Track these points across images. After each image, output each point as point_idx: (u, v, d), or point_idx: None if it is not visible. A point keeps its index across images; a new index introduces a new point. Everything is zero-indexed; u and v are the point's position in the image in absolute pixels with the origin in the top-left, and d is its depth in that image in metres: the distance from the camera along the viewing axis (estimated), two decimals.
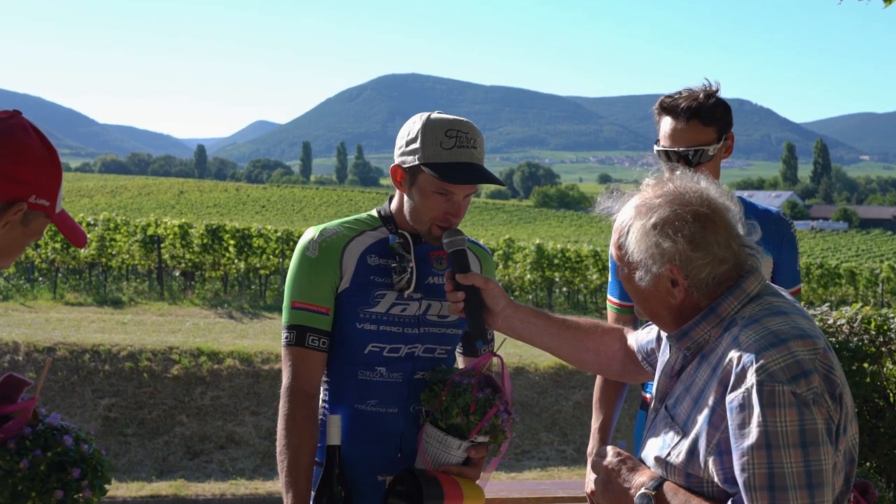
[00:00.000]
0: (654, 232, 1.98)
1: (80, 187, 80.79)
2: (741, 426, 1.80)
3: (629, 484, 1.99)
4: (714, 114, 3.10)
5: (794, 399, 1.77)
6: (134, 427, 11.28)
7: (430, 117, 2.66)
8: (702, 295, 1.99)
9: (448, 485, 2.59)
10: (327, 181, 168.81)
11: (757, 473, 1.76)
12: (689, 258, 1.96)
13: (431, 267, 2.76)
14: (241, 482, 10.37)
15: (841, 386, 1.85)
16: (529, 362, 13.76)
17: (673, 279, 1.99)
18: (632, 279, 2.06)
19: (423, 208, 2.65)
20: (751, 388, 1.79)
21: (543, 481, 8.49)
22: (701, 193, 2.01)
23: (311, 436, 2.64)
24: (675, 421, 1.99)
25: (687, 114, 3.08)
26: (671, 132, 3.12)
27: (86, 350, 12.08)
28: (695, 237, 1.95)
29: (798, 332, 1.86)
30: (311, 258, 2.68)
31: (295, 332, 2.67)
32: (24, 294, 17.91)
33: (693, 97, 3.11)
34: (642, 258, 2.00)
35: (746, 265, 2.00)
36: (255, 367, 12.37)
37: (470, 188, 2.64)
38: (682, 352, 2.06)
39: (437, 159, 2.60)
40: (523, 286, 24.80)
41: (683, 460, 1.93)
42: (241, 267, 21.44)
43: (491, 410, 2.57)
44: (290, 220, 62.67)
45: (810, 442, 1.77)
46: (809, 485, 1.75)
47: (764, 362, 1.80)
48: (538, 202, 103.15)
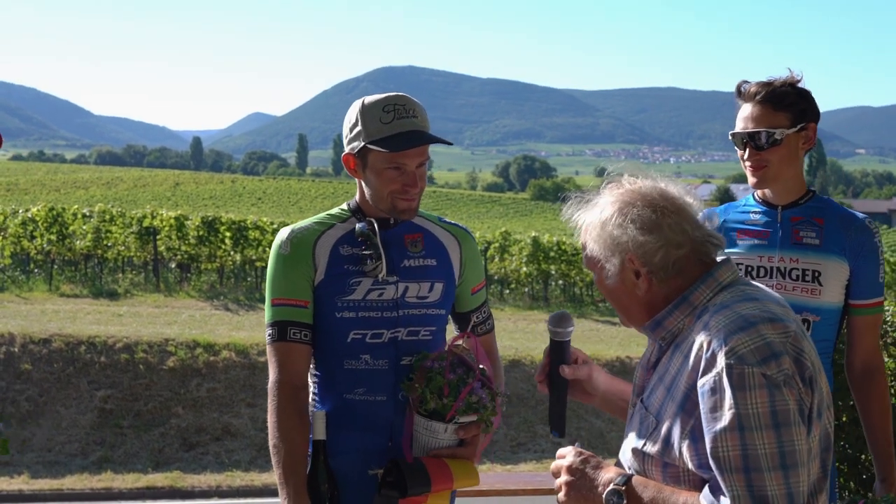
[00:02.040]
0: (608, 224, 2.01)
1: (75, 179, 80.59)
2: (713, 410, 1.80)
3: (597, 482, 1.98)
4: (785, 99, 3.06)
5: (764, 381, 1.77)
6: (130, 419, 11.28)
7: (366, 100, 2.76)
8: (664, 283, 2.00)
9: (435, 469, 2.61)
10: (323, 173, 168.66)
11: (731, 456, 1.76)
12: (640, 243, 1.97)
13: (406, 250, 2.80)
14: (236, 474, 10.38)
15: (813, 370, 1.85)
16: (525, 354, 13.78)
17: (635, 270, 2.00)
18: (602, 280, 2.08)
19: (380, 186, 2.71)
20: (721, 371, 1.80)
21: (539, 473, 8.49)
22: (654, 187, 2.04)
23: (303, 428, 2.67)
24: (648, 411, 1.99)
25: (758, 97, 3.07)
26: (743, 116, 3.11)
27: (82, 342, 12.08)
28: (644, 222, 1.97)
29: (769, 315, 1.86)
30: (285, 255, 2.75)
31: (277, 328, 2.72)
32: (20, 285, 17.89)
33: (768, 83, 3.09)
34: (602, 253, 2.03)
35: (707, 252, 2.01)
36: (251, 359, 12.37)
37: (419, 156, 2.70)
38: (657, 343, 2.06)
39: (381, 134, 2.67)
40: (519, 279, 24.81)
41: (659, 449, 1.93)
42: (237, 259, 21.42)
43: (465, 390, 2.59)
44: (286, 212, 62.59)
45: (782, 423, 1.77)
46: (784, 465, 1.75)
47: (733, 345, 1.80)
48: (534, 195, 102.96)
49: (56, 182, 76.98)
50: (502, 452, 11.78)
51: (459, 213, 73.00)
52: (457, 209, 76.32)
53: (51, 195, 62.05)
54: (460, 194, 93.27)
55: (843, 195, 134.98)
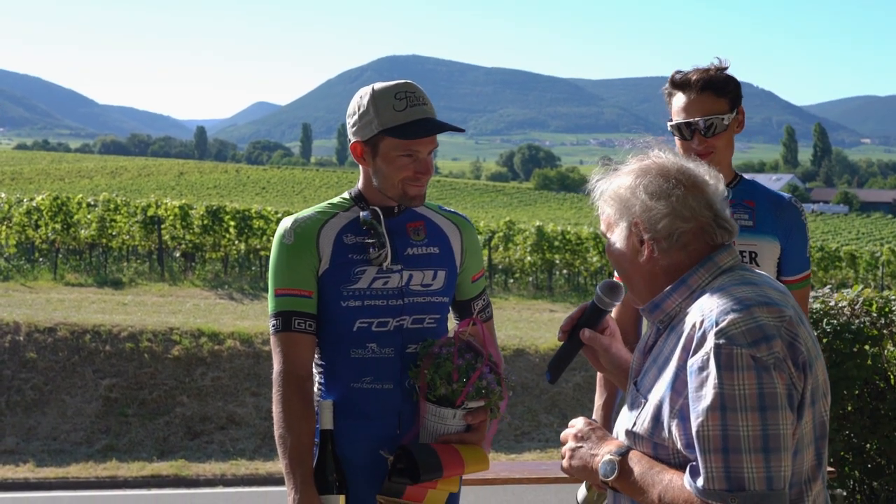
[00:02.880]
0: (621, 188, 2.04)
1: (79, 168, 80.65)
2: (698, 388, 1.79)
3: (595, 451, 2.00)
4: (727, 85, 3.14)
5: (752, 362, 1.76)
6: (135, 407, 11.30)
7: (375, 87, 2.75)
8: (665, 255, 1.99)
9: (447, 455, 2.61)
10: (327, 163, 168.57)
11: (711, 436, 1.75)
12: (647, 208, 1.99)
13: (409, 238, 2.80)
14: (241, 462, 10.41)
15: (808, 356, 1.84)
16: (529, 344, 13.79)
17: (640, 238, 2.01)
18: (610, 246, 2.10)
19: (391, 174, 2.71)
20: (709, 350, 1.79)
21: (544, 462, 8.49)
22: (675, 162, 2.06)
23: (308, 418, 2.66)
24: (640, 392, 2.00)
25: (699, 85, 3.12)
26: (684, 105, 3.15)
27: (86, 330, 12.10)
28: (654, 189, 2.00)
29: (764, 299, 1.86)
30: (288, 245, 2.74)
31: (281, 319, 2.72)
32: (25, 274, 17.92)
33: (704, 70, 3.15)
34: (612, 216, 2.06)
35: (714, 236, 2.00)
36: (255, 347, 12.39)
37: (432, 143, 2.72)
38: (655, 326, 2.07)
39: (395, 122, 2.67)
40: (523, 268, 24.81)
41: (648, 428, 1.93)
42: (242, 248, 21.45)
43: (474, 374, 2.60)
44: (290, 201, 62.58)
45: (769, 406, 1.75)
46: (765, 448, 1.74)
47: (724, 326, 1.80)
48: (539, 184, 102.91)
49: (60, 171, 77.04)
50: (507, 441, 11.79)
51: (464, 203, 72.94)
52: (461, 198, 76.27)
53: (55, 184, 62.10)
54: (464, 184, 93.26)
55: (848, 185, 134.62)
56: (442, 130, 2.70)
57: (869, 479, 5.77)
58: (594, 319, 2.31)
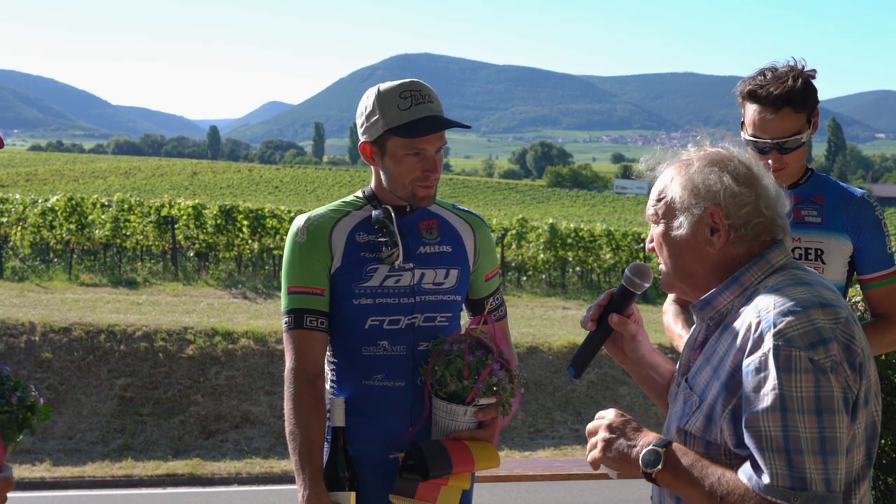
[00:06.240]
0: (703, 171, 2.01)
1: (93, 169, 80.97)
2: (756, 389, 1.79)
3: (634, 442, 1.97)
4: (807, 99, 2.94)
5: (810, 365, 1.76)
6: (149, 407, 11.35)
7: (381, 87, 2.75)
8: (735, 245, 1.99)
9: (457, 451, 2.61)
10: (340, 161, 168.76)
11: (773, 436, 1.76)
12: (734, 192, 1.96)
13: (422, 237, 2.81)
14: (256, 461, 10.44)
15: (863, 357, 1.84)
16: (543, 341, 13.77)
17: (713, 227, 1.99)
18: (668, 232, 2.04)
19: (400, 173, 2.72)
20: (767, 352, 1.79)
21: (558, 459, 8.50)
22: (743, 155, 2.05)
23: (319, 415, 2.68)
24: (693, 390, 1.99)
25: (778, 102, 2.91)
26: (760, 122, 2.96)
27: (101, 330, 12.15)
28: (741, 175, 1.99)
29: (820, 300, 1.85)
30: (301, 243, 2.75)
31: (293, 316, 2.73)
32: (40, 275, 18.01)
33: (782, 81, 2.93)
34: (686, 200, 2.01)
35: (774, 232, 2.01)
36: (269, 346, 12.42)
37: (439, 140, 2.71)
38: (705, 322, 2.06)
39: (400, 121, 2.67)
40: (536, 266, 24.78)
41: (701, 427, 1.93)
42: (255, 247, 21.48)
43: (484, 371, 2.60)
44: (303, 200, 62.70)
45: (825, 409, 1.76)
46: (823, 451, 1.75)
47: (782, 328, 1.79)
48: (551, 182, 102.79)
49: (75, 172, 77.37)
50: (520, 439, 11.79)
51: (476, 201, 72.90)
52: (473, 196, 76.24)
53: (70, 185, 62.41)
54: (477, 181, 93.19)
55: (863, 180, 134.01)
56: (446, 127, 2.70)
57: (884, 474, 5.75)
58: (623, 304, 2.25)
